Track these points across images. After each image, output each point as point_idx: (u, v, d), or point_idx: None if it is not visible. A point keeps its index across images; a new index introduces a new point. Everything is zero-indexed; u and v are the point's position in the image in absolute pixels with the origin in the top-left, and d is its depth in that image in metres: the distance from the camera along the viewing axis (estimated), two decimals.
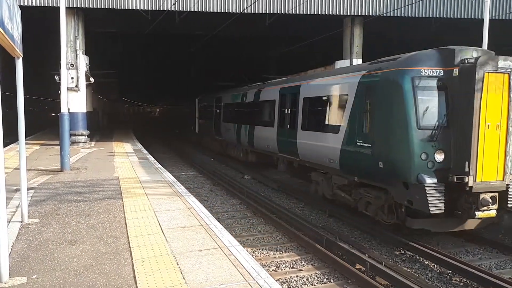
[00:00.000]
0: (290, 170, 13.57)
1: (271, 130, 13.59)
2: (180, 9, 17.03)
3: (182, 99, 40.43)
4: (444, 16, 18.02)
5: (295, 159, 11.84)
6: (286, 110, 12.56)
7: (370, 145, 8.07)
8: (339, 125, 9.29)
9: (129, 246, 5.16)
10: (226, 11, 17.17)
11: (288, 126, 12.29)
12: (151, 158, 14.13)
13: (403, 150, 7.26)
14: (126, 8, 16.82)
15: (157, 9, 16.90)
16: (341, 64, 18.31)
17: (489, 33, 14.10)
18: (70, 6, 16.29)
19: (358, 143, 8.46)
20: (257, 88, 15.89)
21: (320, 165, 10.31)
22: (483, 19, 14.46)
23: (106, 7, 16.73)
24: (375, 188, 8.28)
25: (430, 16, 18.01)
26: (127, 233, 5.68)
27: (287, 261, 7.17)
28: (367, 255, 7.17)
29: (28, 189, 7.54)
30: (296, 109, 11.75)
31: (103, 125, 35.43)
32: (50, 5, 16.24)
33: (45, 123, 37.77)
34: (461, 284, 6.32)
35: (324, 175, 10.43)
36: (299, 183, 13.81)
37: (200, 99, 26.05)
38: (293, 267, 6.92)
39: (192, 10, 17.01)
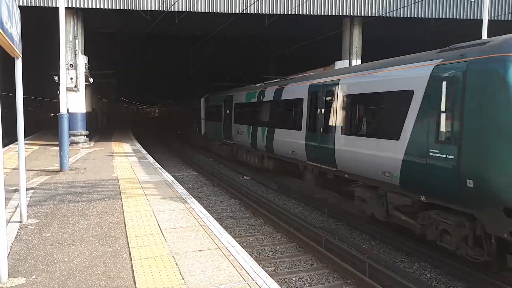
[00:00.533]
0: (320, 181, 11.24)
1: (297, 134, 11.65)
2: (180, 10, 17.05)
3: (182, 99, 39.37)
4: (443, 17, 18.05)
5: (331, 170, 9.84)
6: (318, 110, 10.52)
7: (452, 157, 6.21)
8: (400, 130, 7.33)
9: (128, 247, 5.15)
10: (226, 11, 17.19)
11: (321, 129, 10.24)
12: (150, 159, 14.12)
13: (510, 165, 5.53)
14: (125, 8, 16.83)
15: (157, 9, 16.92)
16: (340, 64, 18.32)
17: (488, 33, 14.14)
18: (70, 6, 16.29)
19: (431, 154, 6.58)
20: (278, 85, 13.91)
21: (369, 178, 8.32)
22: (482, 20, 14.51)
23: (105, 7, 16.73)
24: (454, 213, 6.47)
25: (430, 16, 18.04)
26: (126, 234, 5.67)
27: (287, 261, 7.18)
28: (366, 256, 7.18)
29: (27, 189, 7.54)
30: (333, 109, 9.74)
31: (102, 125, 35.42)
32: (50, 5, 16.24)
33: (44, 123, 37.74)
34: (459, 284, 6.31)
35: (374, 192, 8.37)
36: (334, 197, 11.98)
37: (206, 98, 23.69)
38: (292, 268, 6.92)
39: (191, 10, 17.03)
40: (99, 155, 14.75)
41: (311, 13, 17.65)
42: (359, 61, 18.36)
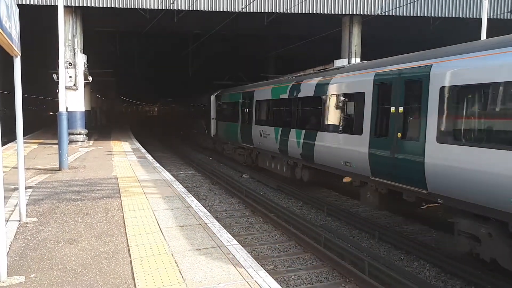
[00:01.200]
0: (387, 203, 8.77)
1: (354, 139, 9.01)
2: (179, 8, 17.03)
3: (188, 97, 36.63)
4: (443, 15, 18.06)
5: (414, 191, 7.29)
6: (393, 108, 7.87)
7: None
8: None
9: (128, 245, 5.15)
10: (225, 10, 17.18)
11: (399, 135, 7.65)
12: (150, 157, 14.12)
13: None
14: (124, 7, 16.81)
15: (156, 8, 16.90)
16: (339, 63, 18.32)
17: (487, 32, 14.15)
18: (68, 4, 16.28)
19: None
20: (321, 76, 10.98)
21: (490, 209, 5.81)
22: (481, 18, 14.51)
23: (104, 5, 16.72)
24: None
25: (429, 15, 18.05)
26: (126, 232, 5.67)
27: (286, 260, 7.18)
28: (365, 254, 7.19)
29: (26, 188, 7.53)
30: (422, 107, 7.08)
31: (101, 124, 35.39)
32: (48, 3, 16.21)
33: (43, 121, 37.72)
34: (459, 283, 6.33)
35: (499, 228, 5.89)
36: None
37: (218, 95, 20.85)
38: (291, 266, 6.93)
39: (190, 9, 17.01)
40: (98, 154, 14.74)
41: (310, 12, 17.64)
42: (358, 60, 18.36)
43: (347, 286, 6.17)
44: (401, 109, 7.75)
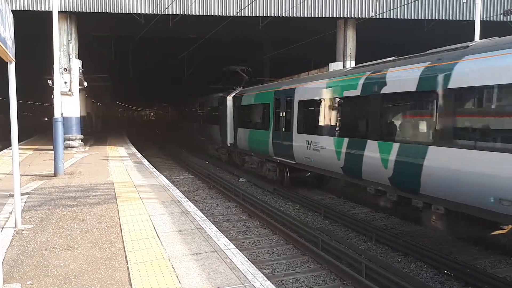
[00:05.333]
0: None
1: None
2: (173, 13, 17.05)
3: (183, 100, 34.12)
4: (436, 18, 18.19)
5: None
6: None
7: None
8: None
9: (125, 251, 5.13)
10: (219, 14, 17.22)
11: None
12: (146, 162, 14.08)
13: None
14: (119, 12, 16.81)
15: (150, 12, 16.91)
16: (334, 66, 18.40)
17: (480, 34, 14.27)
18: (63, 10, 16.25)
19: None
20: (429, 61, 7.19)
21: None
22: (475, 21, 14.64)
23: (99, 11, 16.71)
24: None
25: (422, 18, 18.17)
26: (122, 238, 5.65)
27: (283, 263, 7.17)
28: (363, 256, 7.19)
29: (22, 194, 7.48)
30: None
31: (97, 129, 35.28)
32: (43, 9, 16.19)
33: (39, 127, 37.56)
34: (456, 284, 6.34)
35: None
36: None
37: (238, 96, 16.88)
38: (289, 269, 6.92)
39: (185, 13, 17.04)
40: (94, 159, 14.68)
41: (305, 15, 17.72)
42: (353, 63, 18.44)
43: None
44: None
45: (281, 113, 12.75)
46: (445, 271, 6.64)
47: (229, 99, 17.67)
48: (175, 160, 21.84)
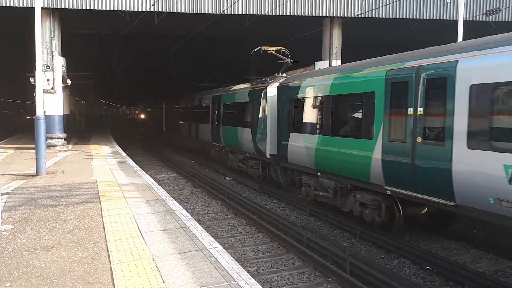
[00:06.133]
0: None
1: None
2: (159, 10, 16.90)
3: (170, 98, 30.02)
4: (420, 17, 18.43)
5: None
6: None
7: None
8: None
9: (108, 251, 5.07)
10: (205, 12, 17.14)
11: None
12: (130, 161, 13.94)
13: None
14: (103, 9, 16.58)
15: (136, 10, 16.73)
16: (320, 65, 18.49)
17: (463, 34, 14.51)
18: (46, 6, 15.96)
19: None
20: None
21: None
22: (458, 20, 14.88)
23: (83, 7, 16.46)
24: None
25: (407, 17, 18.38)
26: (105, 237, 5.58)
27: (269, 261, 7.18)
28: (347, 253, 7.25)
29: (2, 194, 7.33)
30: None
31: (80, 127, 34.80)
32: (25, 5, 15.87)
33: (21, 126, 36.87)
34: (438, 279, 6.45)
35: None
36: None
37: (291, 86, 11.12)
38: (274, 267, 6.94)
39: (171, 11, 16.91)
40: (77, 158, 14.48)
41: (290, 14, 17.75)
42: (339, 62, 18.56)
43: (330, 285, 6.21)
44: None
45: (401, 110, 7.25)
46: (427, 267, 6.75)
47: (271, 91, 12.50)
48: (160, 159, 21.68)
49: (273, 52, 14.28)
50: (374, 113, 7.82)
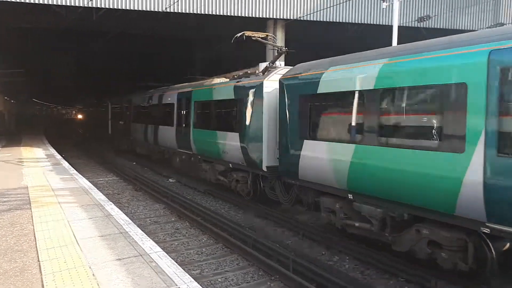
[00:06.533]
0: None
1: None
2: (98, 6, 16.13)
3: (121, 97, 25.86)
4: (358, 21, 19.24)
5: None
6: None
7: None
8: None
9: (39, 260, 4.75)
10: (146, 9, 16.62)
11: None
12: (66, 164, 13.20)
13: None
14: (36, 2, 15.52)
15: (71, 4, 15.83)
16: (264, 66, 18.66)
17: (398, 38, 15.38)
18: None
19: None
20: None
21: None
22: (393, 26, 15.73)
23: (13, 0, 15.28)
24: None
25: (345, 21, 19.10)
26: (36, 246, 5.22)
27: (213, 263, 7.12)
28: (291, 252, 7.37)
29: None
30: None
31: (10, 128, 32.40)
32: None
33: None
34: (374, 272, 6.75)
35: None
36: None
37: (301, 77, 8.53)
38: (218, 269, 6.88)
39: (110, 7, 16.19)
40: (5, 162, 13.44)
41: (234, 14, 17.74)
42: (282, 63, 18.85)
43: (273, 284, 6.28)
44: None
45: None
46: (366, 261, 7.05)
47: (268, 86, 10.01)
48: (99, 161, 20.70)
49: (259, 38, 12.07)
50: (465, 114, 5.34)
